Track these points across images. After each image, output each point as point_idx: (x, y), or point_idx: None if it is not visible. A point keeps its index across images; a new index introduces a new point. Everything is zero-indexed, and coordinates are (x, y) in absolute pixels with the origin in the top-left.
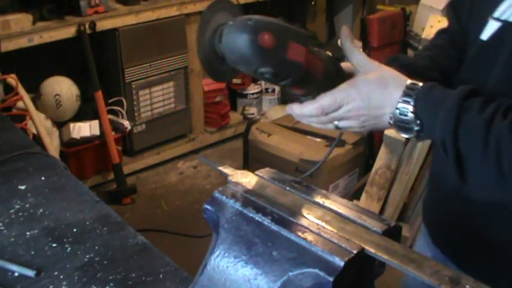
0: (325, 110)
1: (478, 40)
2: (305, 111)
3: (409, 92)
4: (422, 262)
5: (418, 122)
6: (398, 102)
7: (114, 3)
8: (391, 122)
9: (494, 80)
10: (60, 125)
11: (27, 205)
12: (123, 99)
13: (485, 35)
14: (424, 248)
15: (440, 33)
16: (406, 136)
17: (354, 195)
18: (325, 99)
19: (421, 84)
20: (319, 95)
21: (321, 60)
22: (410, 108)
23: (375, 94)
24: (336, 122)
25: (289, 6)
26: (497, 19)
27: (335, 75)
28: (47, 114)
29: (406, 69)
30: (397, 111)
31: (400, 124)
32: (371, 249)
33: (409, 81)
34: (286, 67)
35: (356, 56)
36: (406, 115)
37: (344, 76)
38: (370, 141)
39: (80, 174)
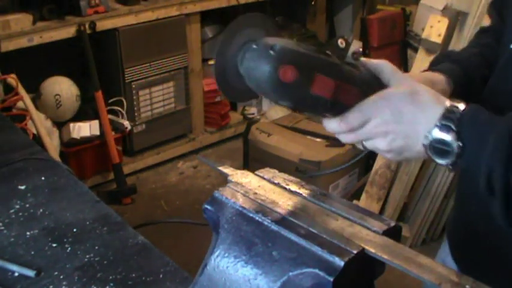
0: (349, 125)
1: (508, 48)
2: (331, 126)
3: (452, 109)
4: (422, 262)
5: (459, 144)
6: (438, 119)
7: (114, 3)
8: (425, 142)
9: None
10: (60, 125)
11: (27, 205)
12: (123, 99)
13: None
14: (443, 259)
15: (483, 32)
16: (441, 162)
17: (354, 195)
18: (351, 114)
19: (462, 104)
20: None
21: (356, 87)
22: (453, 126)
23: (407, 108)
24: (363, 143)
25: (289, 6)
26: None
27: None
28: (47, 114)
29: (461, 65)
30: (436, 129)
31: (437, 145)
32: (371, 249)
33: (448, 102)
34: (308, 102)
35: (385, 68)
36: (446, 135)
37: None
38: None
39: (80, 174)
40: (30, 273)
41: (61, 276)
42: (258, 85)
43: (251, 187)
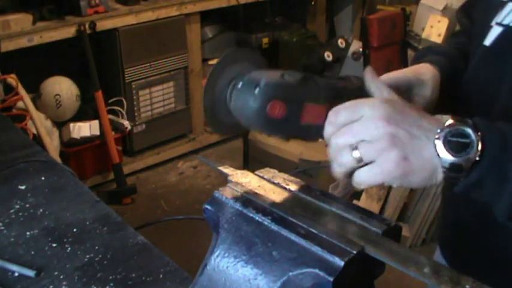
0: (338, 117)
1: (482, 46)
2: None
3: (462, 119)
4: (422, 262)
5: (479, 134)
6: (450, 117)
7: (114, 3)
8: (439, 138)
9: (507, 89)
10: (60, 125)
11: (27, 205)
12: (123, 99)
13: (488, 40)
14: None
15: (455, 35)
16: (459, 161)
17: (354, 195)
18: (343, 105)
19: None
20: None
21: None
22: (468, 119)
23: (411, 110)
24: (355, 153)
25: (289, 6)
26: (500, 24)
27: None
28: (47, 114)
29: (445, 56)
30: (451, 121)
31: (453, 139)
32: (371, 249)
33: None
34: (301, 132)
35: (376, 92)
36: (463, 126)
37: None
38: None
39: (80, 174)
40: (30, 273)
41: (61, 276)
42: (248, 122)
43: (251, 187)
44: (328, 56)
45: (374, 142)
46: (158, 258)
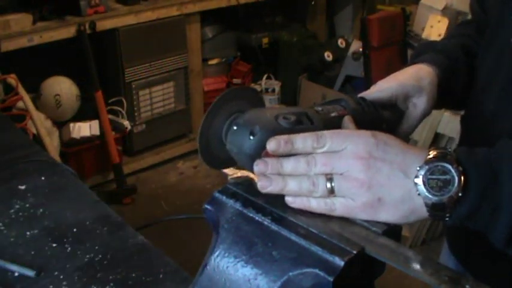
0: (320, 141)
1: (508, 42)
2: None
3: (443, 152)
4: (422, 262)
5: (460, 169)
6: (430, 150)
7: (114, 3)
8: (420, 174)
9: None
10: (60, 125)
11: (27, 205)
12: (123, 99)
13: None
14: (446, 259)
15: (464, 24)
16: (441, 199)
17: None
18: (327, 133)
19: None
20: None
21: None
22: (448, 152)
23: (394, 141)
24: (328, 185)
25: (289, 6)
26: None
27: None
28: (47, 114)
29: (445, 54)
30: (430, 156)
31: (434, 177)
32: (371, 249)
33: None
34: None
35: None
36: (443, 163)
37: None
38: None
39: (80, 174)
40: (30, 273)
41: (61, 276)
42: (244, 164)
43: (251, 187)
44: (328, 56)
45: (351, 179)
46: (158, 258)
